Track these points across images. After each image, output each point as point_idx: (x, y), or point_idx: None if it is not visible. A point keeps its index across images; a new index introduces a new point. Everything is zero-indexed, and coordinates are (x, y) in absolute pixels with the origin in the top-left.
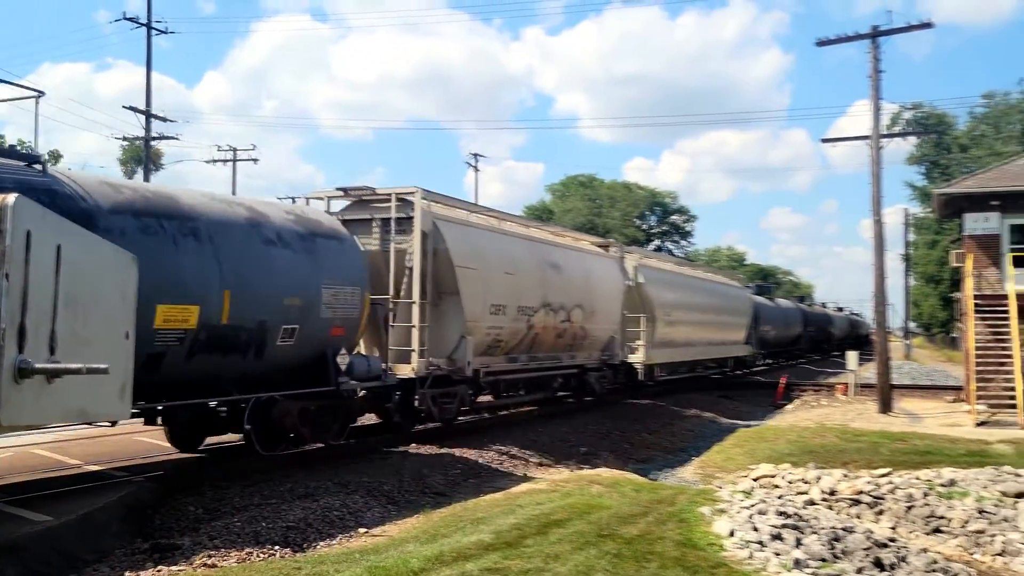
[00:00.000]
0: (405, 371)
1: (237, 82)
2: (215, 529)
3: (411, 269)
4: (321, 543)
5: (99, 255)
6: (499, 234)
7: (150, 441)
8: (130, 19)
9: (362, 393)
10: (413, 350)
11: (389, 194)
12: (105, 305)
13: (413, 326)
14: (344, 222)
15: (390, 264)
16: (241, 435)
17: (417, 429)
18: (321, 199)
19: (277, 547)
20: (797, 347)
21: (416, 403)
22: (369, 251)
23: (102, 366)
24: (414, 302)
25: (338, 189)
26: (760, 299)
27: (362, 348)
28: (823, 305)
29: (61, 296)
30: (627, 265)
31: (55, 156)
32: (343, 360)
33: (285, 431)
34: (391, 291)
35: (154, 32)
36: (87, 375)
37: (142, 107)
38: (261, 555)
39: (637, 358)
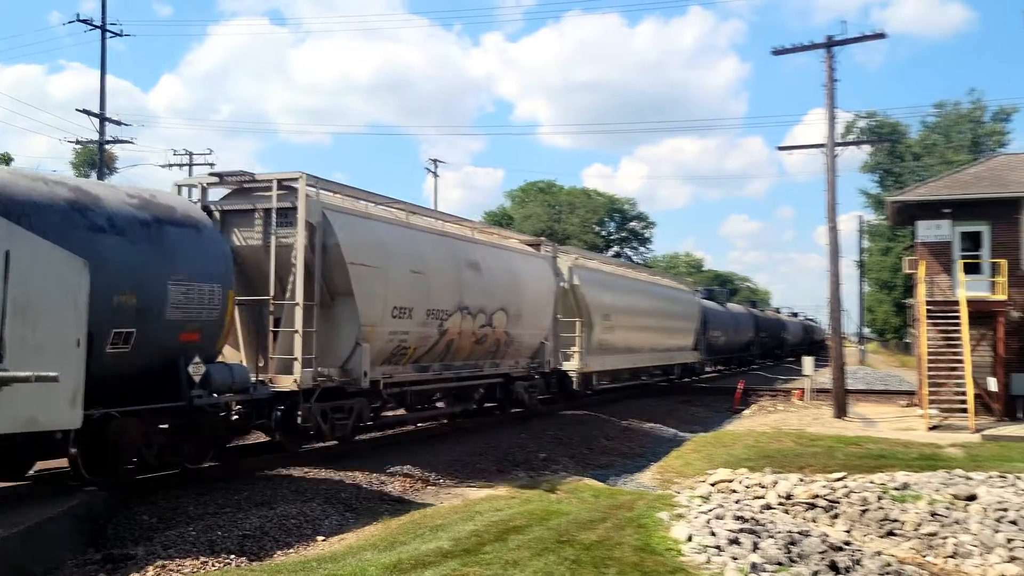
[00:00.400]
0: (287, 383)
1: (194, 85)
2: (169, 538)
3: (296, 266)
4: (278, 552)
5: (50, 261)
6: (405, 228)
7: None
8: (84, 21)
9: (237, 407)
10: (296, 359)
11: (270, 180)
12: (56, 312)
13: (296, 331)
14: (224, 213)
15: (271, 260)
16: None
17: (313, 447)
18: (195, 186)
19: (233, 556)
20: (748, 353)
21: (300, 419)
22: (249, 246)
23: (52, 374)
24: (297, 304)
25: (211, 175)
26: (709, 304)
27: (243, 357)
28: (777, 310)
29: (10, 303)
30: (561, 266)
31: (5, 159)
32: (197, 370)
33: (125, 454)
34: (272, 291)
35: (108, 34)
36: (37, 383)
37: (96, 110)
38: (216, 564)
39: (572, 366)
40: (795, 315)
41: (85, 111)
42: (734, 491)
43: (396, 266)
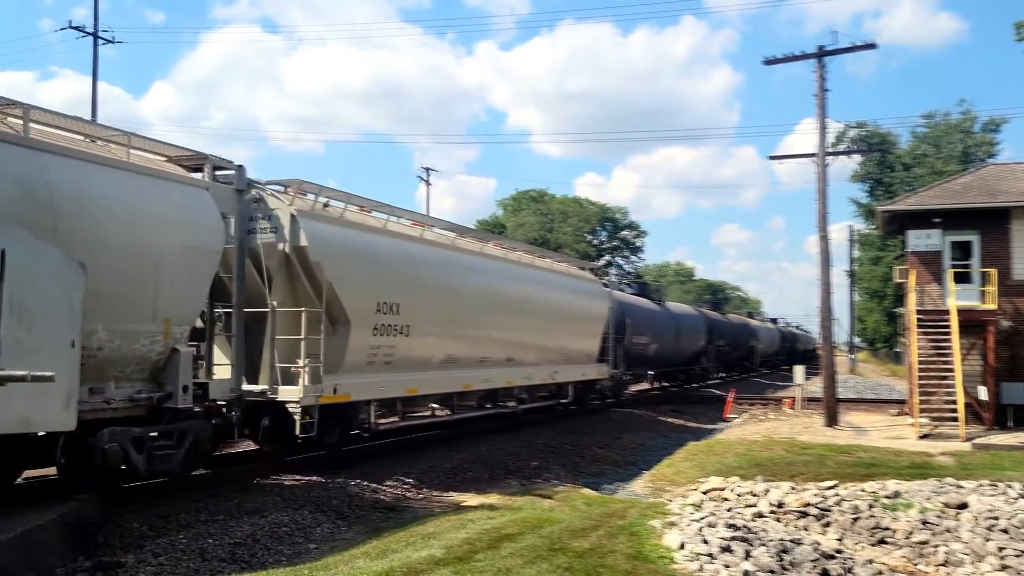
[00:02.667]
0: None
1: (186, 93)
2: (160, 546)
3: None
4: (269, 560)
5: (46, 262)
6: None
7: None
8: (76, 28)
9: None
10: None
11: None
12: (51, 313)
13: None
14: None
15: None
16: None
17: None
18: None
19: (224, 564)
20: (699, 366)
21: None
22: None
23: (48, 374)
24: None
25: None
26: (630, 299)
27: None
28: (749, 315)
29: (5, 302)
30: (278, 213)
31: None
32: None
33: None
34: None
35: (100, 41)
36: (32, 383)
37: (88, 117)
38: (207, 572)
39: (293, 394)
40: (773, 321)
41: (76, 118)
42: (726, 499)
43: None
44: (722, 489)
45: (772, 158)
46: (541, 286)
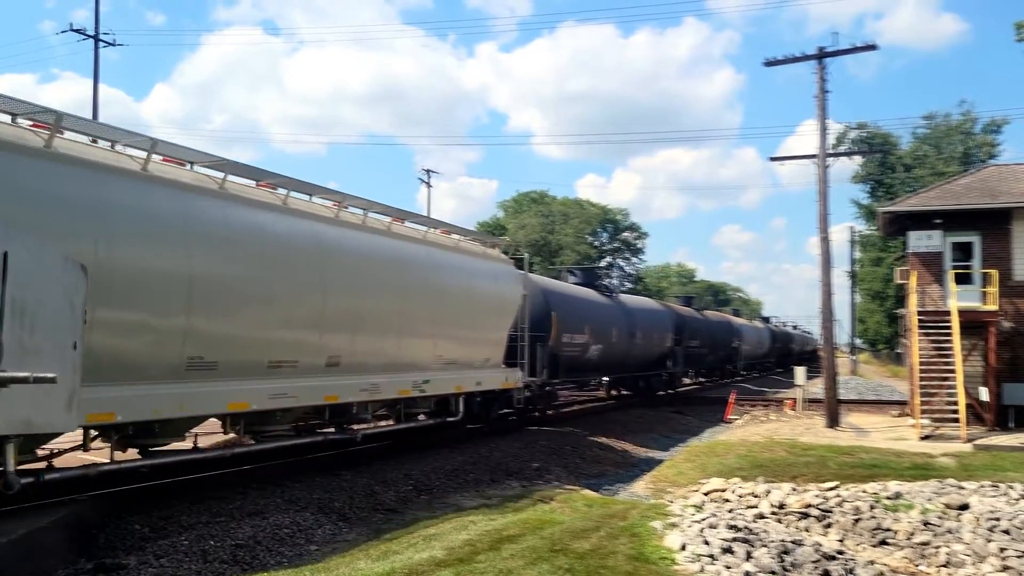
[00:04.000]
0: None
1: (187, 95)
2: (161, 548)
3: None
4: (271, 562)
5: (47, 263)
6: None
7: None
8: (77, 30)
9: None
10: None
11: None
12: (53, 314)
13: None
14: None
15: None
16: None
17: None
18: None
19: (225, 566)
20: (665, 370)
21: None
22: None
23: (50, 375)
24: None
25: None
26: (561, 288)
27: None
28: (735, 312)
29: (8, 304)
30: None
31: None
32: None
33: None
34: None
35: (101, 44)
36: (33, 385)
37: (88, 118)
38: (209, 574)
39: None
40: (764, 319)
41: None
42: (727, 500)
43: None
44: (723, 490)
45: (773, 159)
46: (394, 260)
